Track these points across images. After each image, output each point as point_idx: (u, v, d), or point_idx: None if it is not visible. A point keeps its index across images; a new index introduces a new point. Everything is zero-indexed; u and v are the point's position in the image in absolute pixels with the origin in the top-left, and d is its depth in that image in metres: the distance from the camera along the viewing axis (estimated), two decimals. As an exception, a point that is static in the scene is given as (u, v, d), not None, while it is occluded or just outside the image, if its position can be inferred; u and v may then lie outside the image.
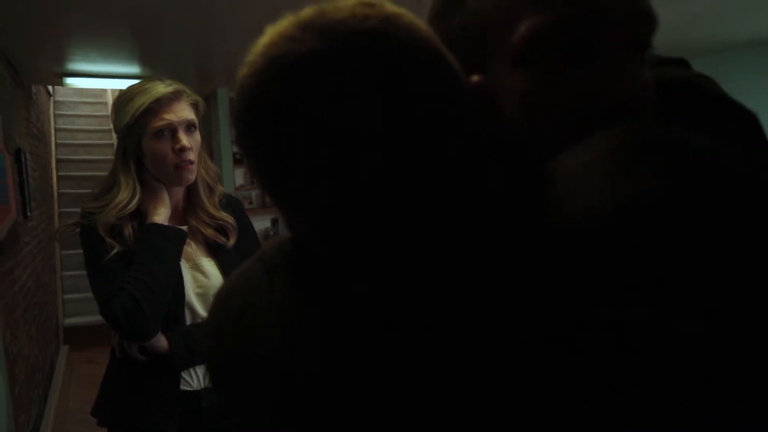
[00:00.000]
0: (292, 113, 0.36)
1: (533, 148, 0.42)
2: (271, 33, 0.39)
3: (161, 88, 1.25)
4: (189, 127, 1.29)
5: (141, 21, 2.73)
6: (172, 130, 1.27)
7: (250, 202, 5.57)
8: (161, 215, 1.27)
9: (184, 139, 1.27)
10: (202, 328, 0.56)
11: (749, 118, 0.44)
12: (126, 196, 1.25)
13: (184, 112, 1.29)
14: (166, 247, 1.23)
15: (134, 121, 1.24)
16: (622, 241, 0.33)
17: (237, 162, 5.69)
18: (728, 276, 0.31)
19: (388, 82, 0.36)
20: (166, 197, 1.30)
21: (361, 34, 0.36)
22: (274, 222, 6.12)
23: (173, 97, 1.27)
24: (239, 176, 5.86)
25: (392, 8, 0.39)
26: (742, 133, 0.45)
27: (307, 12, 0.39)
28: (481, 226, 0.38)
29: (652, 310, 0.32)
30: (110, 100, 6.39)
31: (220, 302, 0.52)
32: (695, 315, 0.31)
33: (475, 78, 0.44)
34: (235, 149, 5.59)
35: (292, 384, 0.42)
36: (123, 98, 1.27)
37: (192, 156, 1.29)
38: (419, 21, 0.40)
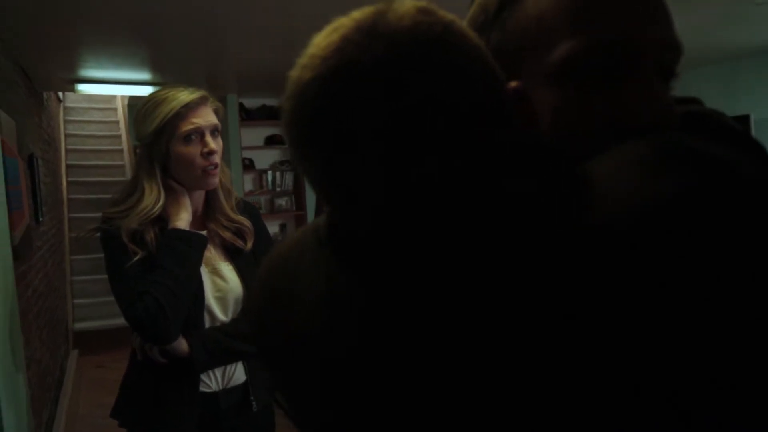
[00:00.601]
0: (361, 119, 0.38)
1: (564, 155, 0.45)
2: (331, 36, 0.40)
3: (188, 94, 1.28)
4: (214, 131, 1.32)
5: (152, 28, 2.76)
6: (200, 134, 1.29)
7: (260, 208, 5.59)
8: (183, 220, 1.29)
9: (212, 143, 1.30)
10: (252, 290, 0.58)
11: (759, 149, 0.47)
12: (151, 201, 1.27)
13: (210, 116, 1.31)
14: (188, 253, 1.25)
15: (163, 125, 1.25)
16: (646, 239, 0.35)
17: (246, 168, 5.73)
18: (738, 277, 0.33)
19: (449, 89, 0.37)
20: (188, 202, 1.32)
21: (427, 43, 0.38)
22: (283, 227, 6.15)
23: (200, 102, 1.30)
24: (248, 182, 5.89)
25: (448, 15, 0.41)
26: (755, 162, 0.48)
27: (367, 16, 0.40)
28: (514, 221, 0.40)
29: (670, 308, 0.34)
30: (120, 106, 6.44)
31: (273, 268, 0.54)
32: (705, 315, 0.33)
33: (514, 84, 0.47)
34: (245, 155, 5.63)
35: (332, 356, 0.44)
36: (149, 106, 1.29)
37: (218, 160, 1.32)
38: (469, 29, 0.42)
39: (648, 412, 0.33)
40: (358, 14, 0.41)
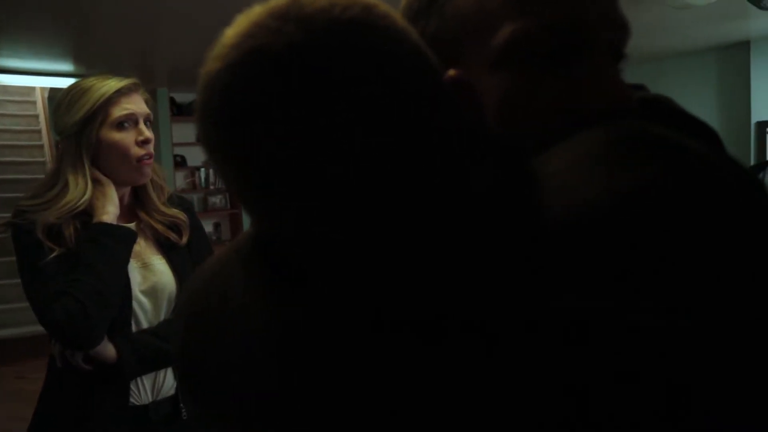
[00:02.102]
0: (274, 109, 0.35)
1: (513, 146, 0.43)
2: (243, 23, 0.37)
3: (119, 81, 1.21)
4: (146, 121, 1.25)
5: (75, 15, 2.60)
6: (134, 121, 1.22)
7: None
8: (110, 214, 1.19)
9: (147, 131, 1.22)
10: (174, 323, 0.53)
11: (711, 134, 0.46)
12: (76, 195, 1.17)
13: (142, 104, 1.25)
14: (115, 248, 1.16)
15: (93, 112, 1.17)
16: (610, 232, 0.33)
17: (178, 165, 5.53)
18: (709, 272, 0.32)
19: (372, 75, 0.35)
20: (114, 195, 1.22)
21: (343, 23, 0.35)
22: (217, 226, 5.98)
23: (133, 89, 1.23)
24: (180, 179, 5.69)
25: None
26: (710, 146, 0.48)
27: (280, 1, 0.37)
28: (465, 221, 0.38)
29: (640, 304, 0.32)
30: (39, 99, 6.07)
31: (193, 296, 0.50)
32: (681, 311, 0.32)
33: (452, 72, 0.44)
34: (177, 152, 5.43)
35: (275, 378, 0.41)
36: (74, 93, 1.19)
37: (152, 150, 1.24)
38: (395, 12, 0.40)
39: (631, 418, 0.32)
40: (274, 1, 0.38)
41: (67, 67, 3.56)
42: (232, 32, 0.37)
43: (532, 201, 0.37)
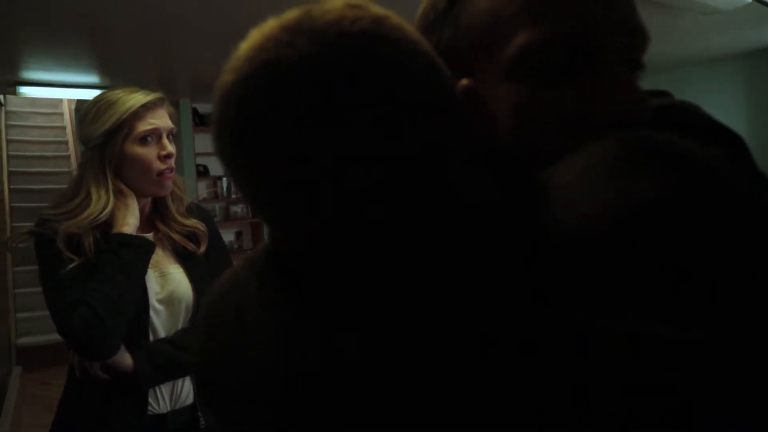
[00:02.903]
0: (286, 121, 0.35)
1: (524, 158, 0.42)
2: (255, 37, 0.37)
3: (145, 95, 1.22)
4: (169, 135, 1.26)
5: (100, 28, 2.65)
6: (158, 135, 1.23)
7: (214, 215, 5.49)
8: (131, 226, 1.20)
9: (170, 146, 1.24)
10: (192, 335, 0.54)
11: (738, 141, 0.45)
12: (98, 208, 1.18)
13: (167, 119, 1.26)
14: (133, 260, 1.16)
15: (119, 125, 1.18)
16: (620, 246, 0.32)
17: (200, 174, 5.59)
18: (729, 284, 0.31)
19: (383, 86, 0.35)
20: (136, 206, 1.23)
21: (354, 36, 0.35)
22: (238, 235, 6.02)
23: (158, 104, 1.24)
24: (202, 188, 5.75)
25: (379, 10, 0.38)
26: (732, 153, 0.46)
27: (292, 14, 0.37)
28: (470, 233, 0.37)
29: (652, 318, 0.31)
30: (66, 111, 6.20)
31: (210, 308, 0.50)
32: (694, 324, 0.31)
33: (464, 82, 0.44)
34: (199, 161, 5.49)
35: (288, 389, 0.41)
36: (100, 105, 1.21)
37: (173, 164, 1.25)
38: (406, 23, 0.39)
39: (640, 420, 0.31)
40: (288, 12, 0.38)
41: (92, 79, 3.62)
42: (245, 45, 0.38)
43: (537, 214, 0.36)
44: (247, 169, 0.38)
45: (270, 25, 0.37)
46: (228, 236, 5.56)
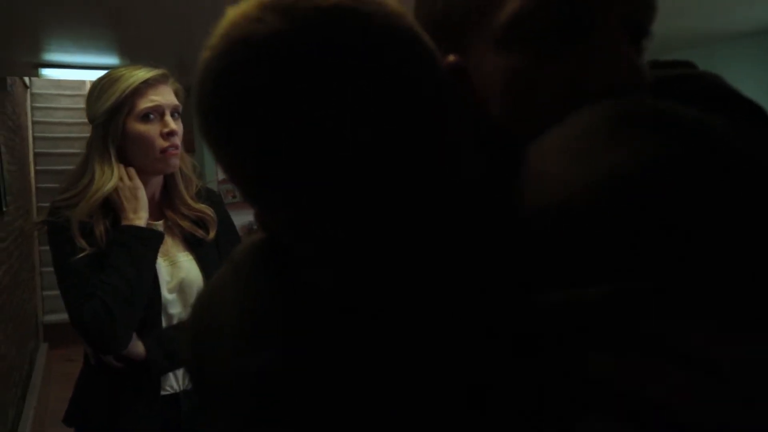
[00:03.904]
0: (258, 97, 0.35)
1: (515, 131, 0.41)
2: (232, 14, 0.38)
3: (147, 71, 1.21)
4: (174, 112, 1.25)
5: (118, 10, 2.65)
6: (160, 113, 1.22)
7: (234, 196, 5.49)
8: (142, 219, 1.20)
9: (173, 123, 1.22)
10: (184, 332, 0.55)
11: (757, 110, 0.42)
12: (102, 183, 1.18)
13: (170, 95, 1.24)
14: (142, 252, 1.16)
15: (120, 103, 1.18)
16: (602, 219, 0.30)
17: (220, 155, 5.62)
18: (723, 256, 0.29)
19: (357, 61, 0.34)
20: (145, 200, 1.23)
21: (325, 10, 0.34)
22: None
23: (161, 80, 1.23)
24: (221, 170, 5.78)
25: None
26: (750, 124, 0.43)
27: None
28: (456, 210, 0.37)
29: (647, 286, 0.29)
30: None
31: (197, 306, 0.51)
32: (687, 295, 0.28)
33: (451, 58, 0.43)
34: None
35: (255, 374, 0.41)
36: (104, 82, 1.21)
37: (178, 141, 1.24)
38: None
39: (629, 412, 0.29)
40: None
41: (112, 60, 3.64)
42: (223, 22, 0.38)
43: (520, 188, 0.35)
44: (222, 145, 0.38)
45: (248, 2, 0.37)
46: (248, 217, 5.57)
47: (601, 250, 0.30)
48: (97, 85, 1.22)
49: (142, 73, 1.20)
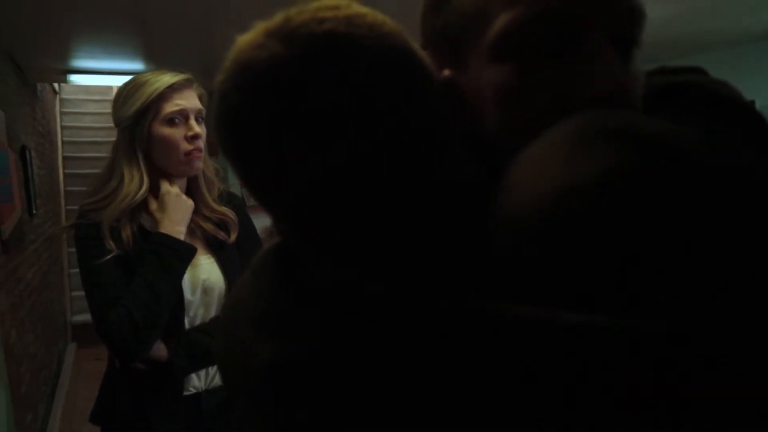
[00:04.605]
0: (259, 117, 0.38)
1: (507, 144, 0.41)
2: (241, 41, 0.41)
3: (172, 76, 1.24)
4: (198, 116, 1.28)
5: (144, 17, 2.71)
6: (185, 116, 1.25)
7: (256, 199, 5.56)
8: (181, 233, 1.22)
9: (197, 126, 1.26)
10: (208, 335, 0.58)
11: (759, 122, 0.43)
12: (133, 188, 1.21)
13: (194, 100, 1.27)
14: (174, 264, 1.18)
15: (146, 107, 1.21)
16: (561, 230, 0.31)
17: (243, 158, 5.68)
18: (683, 267, 0.29)
19: (345, 82, 0.37)
20: (189, 215, 1.25)
21: (319, 37, 0.37)
22: (281, 218, 6.10)
23: (185, 85, 1.26)
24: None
25: (355, 9, 0.40)
26: (747, 131, 0.44)
27: (276, 18, 0.40)
28: (445, 221, 0.38)
29: (607, 307, 0.29)
30: (116, 97, 6.39)
31: (225, 309, 0.54)
32: (653, 313, 0.29)
33: (445, 73, 0.45)
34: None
35: (268, 375, 0.42)
36: (130, 87, 1.24)
37: (202, 144, 1.27)
38: (385, 19, 0.41)
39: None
40: (275, 17, 0.41)
41: (138, 65, 3.71)
42: (234, 47, 0.41)
43: (496, 196, 0.37)
44: (234, 160, 0.42)
45: (257, 28, 0.41)
46: (268, 219, 5.63)
47: (547, 261, 0.31)
48: (123, 89, 1.25)
49: (167, 78, 1.23)
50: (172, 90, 1.23)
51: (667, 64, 0.51)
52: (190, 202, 1.27)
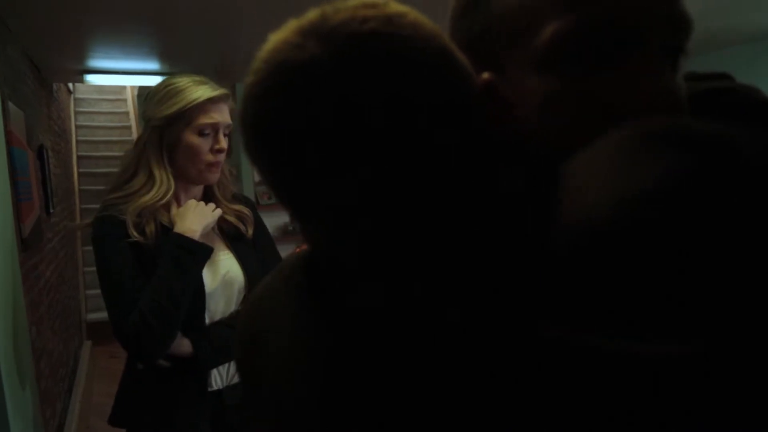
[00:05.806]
0: (298, 121, 0.36)
1: (551, 152, 0.41)
2: (274, 40, 0.39)
3: (212, 89, 1.27)
4: (226, 131, 1.31)
5: (160, 17, 2.73)
6: (215, 129, 1.28)
7: (269, 198, 5.57)
8: (197, 234, 1.23)
9: (224, 142, 1.29)
10: (233, 329, 0.58)
11: None
12: (161, 192, 1.23)
13: (227, 115, 1.30)
14: (191, 265, 1.20)
15: (183, 113, 1.23)
16: (618, 240, 0.30)
17: (255, 157, 5.69)
18: (743, 284, 0.28)
19: (390, 84, 0.35)
20: (211, 221, 1.28)
21: (362, 37, 0.35)
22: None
23: (223, 99, 1.29)
24: (258, 172, 5.86)
25: (395, 7, 0.38)
26: None
27: (309, 16, 0.38)
28: (491, 228, 0.37)
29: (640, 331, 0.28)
30: (129, 97, 6.44)
31: (249, 308, 0.53)
32: (698, 330, 0.28)
33: (485, 76, 0.43)
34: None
35: (299, 384, 0.42)
36: (169, 89, 1.25)
37: (223, 158, 1.30)
38: (424, 19, 0.39)
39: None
40: (307, 14, 0.38)
41: (153, 65, 3.74)
42: (265, 47, 0.39)
43: (552, 207, 0.35)
44: (265, 165, 0.39)
45: (289, 26, 0.38)
46: (283, 218, 5.64)
47: (614, 272, 0.30)
48: (160, 89, 1.27)
49: (207, 91, 1.25)
50: (210, 102, 1.26)
51: (694, 70, 0.51)
52: (218, 212, 1.29)
